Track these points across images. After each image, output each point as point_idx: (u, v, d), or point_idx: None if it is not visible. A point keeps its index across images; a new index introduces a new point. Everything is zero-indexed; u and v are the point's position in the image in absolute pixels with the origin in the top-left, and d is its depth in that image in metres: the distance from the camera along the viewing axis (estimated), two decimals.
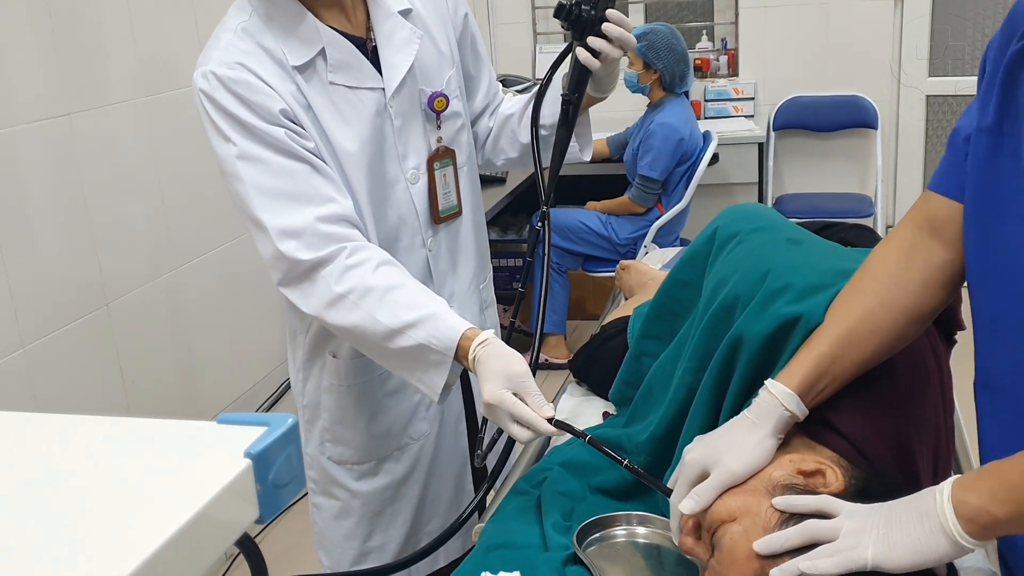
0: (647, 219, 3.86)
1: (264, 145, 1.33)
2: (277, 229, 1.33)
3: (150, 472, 0.52)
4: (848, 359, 1.09)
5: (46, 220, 2.07)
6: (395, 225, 1.49)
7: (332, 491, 1.63)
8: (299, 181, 1.34)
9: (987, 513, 0.85)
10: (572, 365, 1.90)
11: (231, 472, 0.51)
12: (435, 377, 1.33)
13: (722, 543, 1.04)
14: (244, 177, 1.33)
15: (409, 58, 1.47)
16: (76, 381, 2.15)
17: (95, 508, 0.49)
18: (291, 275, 1.35)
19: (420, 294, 1.35)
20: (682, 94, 3.89)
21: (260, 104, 1.33)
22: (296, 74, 1.38)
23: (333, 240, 1.34)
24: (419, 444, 1.62)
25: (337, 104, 1.41)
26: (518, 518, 1.33)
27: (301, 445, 0.55)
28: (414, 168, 1.50)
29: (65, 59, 2.11)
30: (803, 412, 1.09)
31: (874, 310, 1.08)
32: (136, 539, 0.46)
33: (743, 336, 1.20)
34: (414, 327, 1.31)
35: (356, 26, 1.45)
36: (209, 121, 1.35)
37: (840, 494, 1.03)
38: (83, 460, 0.54)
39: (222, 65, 1.33)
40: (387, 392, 1.57)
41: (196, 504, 0.49)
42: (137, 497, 0.50)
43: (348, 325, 1.34)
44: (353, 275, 1.33)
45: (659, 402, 1.39)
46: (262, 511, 0.53)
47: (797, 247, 1.30)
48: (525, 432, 1.25)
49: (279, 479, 0.54)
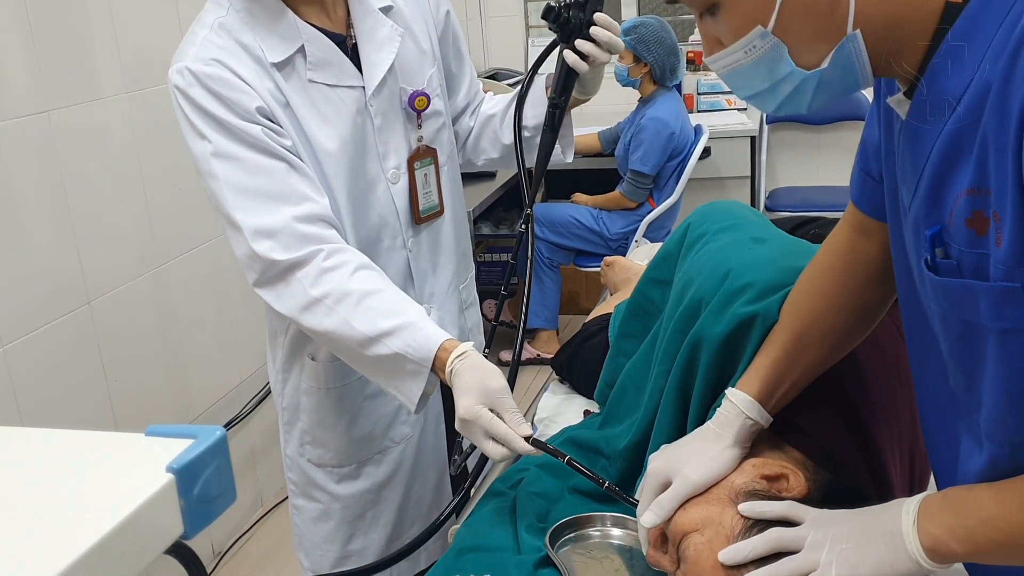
0: (638, 214, 3.85)
1: (240, 143, 1.31)
2: (252, 229, 1.31)
3: (68, 485, 0.51)
4: (804, 362, 1.09)
5: (27, 216, 2.06)
6: (375, 225, 1.47)
7: (312, 493, 1.62)
8: (276, 179, 1.32)
9: (947, 546, 0.85)
10: (555, 362, 1.89)
11: (152, 487, 0.49)
12: (411, 387, 1.32)
13: (687, 555, 1.03)
14: (219, 175, 1.31)
15: (390, 56, 1.44)
16: (58, 381, 2.14)
17: (10, 520, 0.48)
18: (266, 276, 1.33)
19: (398, 301, 1.33)
20: (673, 88, 3.88)
21: (236, 101, 1.30)
22: (274, 71, 1.35)
23: (310, 241, 1.32)
24: (400, 447, 1.60)
25: (316, 102, 1.39)
26: (492, 520, 1.32)
27: (229, 458, 0.54)
28: (394, 168, 1.48)
29: (47, 54, 2.09)
30: (766, 419, 1.09)
31: (824, 313, 1.09)
32: (52, 553, 0.45)
33: (703, 337, 1.19)
34: (390, 335, 1.29)
35: (336, 23, 1.43)
36: (184, 118, 1.33)
37: (804, 498, 1.02)
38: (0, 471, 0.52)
39: (198, 61, 1.31)
40: (367, 395, 1.55)
41: (115, 519, 0.47)
42: (55, 510, 0.49)
43: (323, 330, 1.31)
44: (329, 278, 1.31)
45: (633, 404, 1.38)
46: (187, 526, 0.51)
47: (760, 246, 1.29)
48: (500, 450, 1.23)
49: (206, 493, 0.52)
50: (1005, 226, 0.71)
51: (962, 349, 0.82)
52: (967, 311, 0.77)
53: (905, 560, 0.86)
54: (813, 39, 0.81)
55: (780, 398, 1.10)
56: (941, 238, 0.79)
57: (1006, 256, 0.72)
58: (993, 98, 0.71)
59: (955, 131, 0.76)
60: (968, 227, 0.75)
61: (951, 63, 0.76)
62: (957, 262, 0.77)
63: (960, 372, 0.84)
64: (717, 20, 0.84)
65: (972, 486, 0.85)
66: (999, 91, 0.71)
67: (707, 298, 1.22)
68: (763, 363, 1.10)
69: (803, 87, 0.83)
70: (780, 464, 1.07)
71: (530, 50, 5.03)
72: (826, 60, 0.81)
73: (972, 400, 0.83)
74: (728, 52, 0.84)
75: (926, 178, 0.80)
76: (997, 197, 0.72)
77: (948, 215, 0.77)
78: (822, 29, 0.80)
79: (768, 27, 0.80)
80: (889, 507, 0.91)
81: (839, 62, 0.81)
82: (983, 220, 0.74)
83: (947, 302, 0.80)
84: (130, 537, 0.48)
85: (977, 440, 0.85)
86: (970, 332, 0.79)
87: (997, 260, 0.73)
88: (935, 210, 0.79)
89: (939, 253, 0.79)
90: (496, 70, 4.79)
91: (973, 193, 0.74)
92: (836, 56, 0.81)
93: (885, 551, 0.87)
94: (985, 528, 0.82)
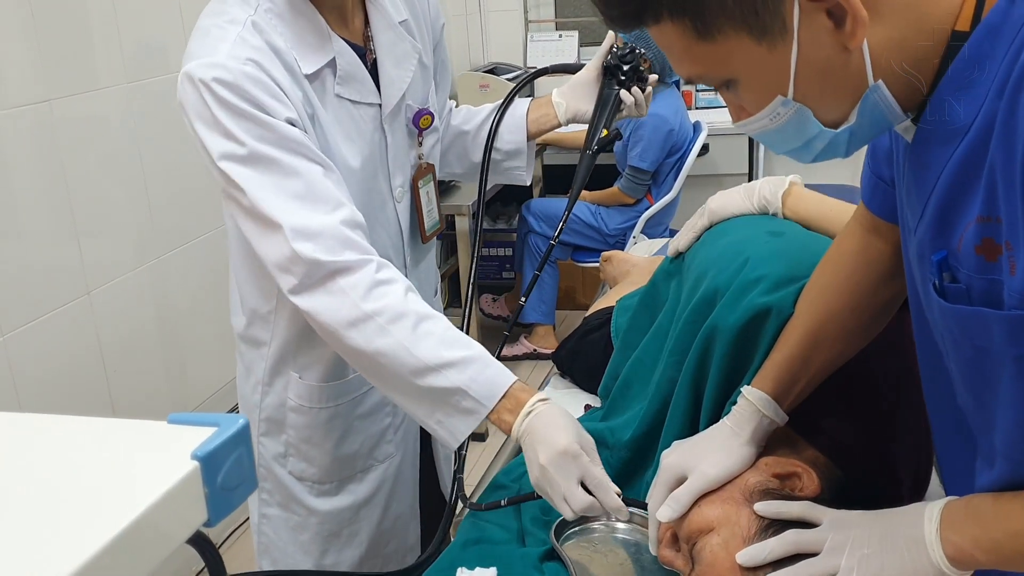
0: (636, 210, 3.85)
1: (275, 145, 1.22)
2: (292, 228, 1.20)
3: (95, 472, 0.51)
4: (818, 360, 1.10)
5: (26, 206, 2.05)
6: (384, 245, 1.43)
7: (289, 505, 1.55)
8: (314, 182, 1.23)
9: (971, 556, 0.85)
10: (555, 357, 1.89)
11: (178, 474, 0.49)
12: (460, 424, 1.22)
13: (702, 556, 1.03)
14: (250, 177, 1.21)
15: (408, 74, 1.41)
16: (57, 371, 2.13)
17: (36, 508, 0.48)
18: (309, 280, 1.21)
19: (456, 331, 1.25)
20: (672, 84, 3.88)
21: (272, 107, 1.22)
22: (305, 81, 1.28)
23: (355, 247, 1.23)
24: (384, 466, 1.56)
25: (341, 119, 1.34)
26: (497, 513, 1.32)
27: (251, 446, 0.54)
28: (400, 186, 1.45)
29: (47, 44, 2.08)
30: (782, 418, 1.09)
31: (838, 311, 1.10)
32: (78, 541, 0.45)
33: (717, 327, 1.19)
34: (453, 367, 1.19)
35: (353, 33, 1.37)
36: (206, 115, 1.21)
37: (817, 498, 1.02)
38: (25, 459, 0.52)
39: (234, 60, 1.21)
40: (359, 415, 1.50)
41: (141, 506, 0.48)
42: (81, 498, 0.49)
43: (372, 350, 1.20)
44: (383, 293, 1.21)
45: (639, 396, 1.38)
46: (211, 514, 0.51)
47: (777, 239, 1.29)
48: (586, 499, 1.13)
49: (228, 482, 0.52)
50: (1019, 255, 0.71)
51: (972, 372, 0.82)
52: (979, 337, 0.77)
53: (928, 568, 0.86)
54: (835, 98, 0.81)
55: (796, 396, 1.10)
56: (948, 263, 0.78)
57: (1022, 285, 0.72)
58: (999, 128, 0.71)
59: (963, 158, 0.75)
60: (977, 253, 0.75)
61: (957, 90, 0.76)
62: (966, 287, 0.77)
63: (969, 393, 0.84)
64: (736, 93, 0.84)
65: (998, 495, 0.84)
66: (1005, 121, 0.71)
67: (723, 288, 1.22)
68: (778, 360, 1.10)
69: (836, 140, 0.83)
70: (792, 462, 1.07)
71: (529, 45, 5.02)
72: (852, 115, 0.81)
73: (982, 421, 0.83)
74: (754, 120, 0.84)
75: (933, 204, 0.80)
76: (1009, 226, 0.72)
77: (956, 241, 0.77)
78: (841, 87, 0.80)
79: (788, 95, 0.80)
80: (909, 512, 0.90)
81: (866, 113, 0.81)
82: (994, 247, 0.74)
83: (958, 328, 0.80)
84: (157, 523, 0.48)
85: (988, 458, 0.85)
86: (982, 356, 0.79)
87: (1012, 289, 0.72)
88: (941, 235, 0.79)
89: (947, 278, 0.78)
90: (495, 64, 4.79)
91: (984, 221, 0.74)
92: (863, 108, 0.80)
93: (907, 558, 0.87)
94: (1013, 541, 0.82)
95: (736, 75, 0.82)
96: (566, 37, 4.98)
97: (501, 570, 1.16)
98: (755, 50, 0.78)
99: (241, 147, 1.20)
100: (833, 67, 0.78)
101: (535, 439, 1.16)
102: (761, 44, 0.78)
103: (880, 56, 0.78)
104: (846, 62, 0.78)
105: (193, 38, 1.27)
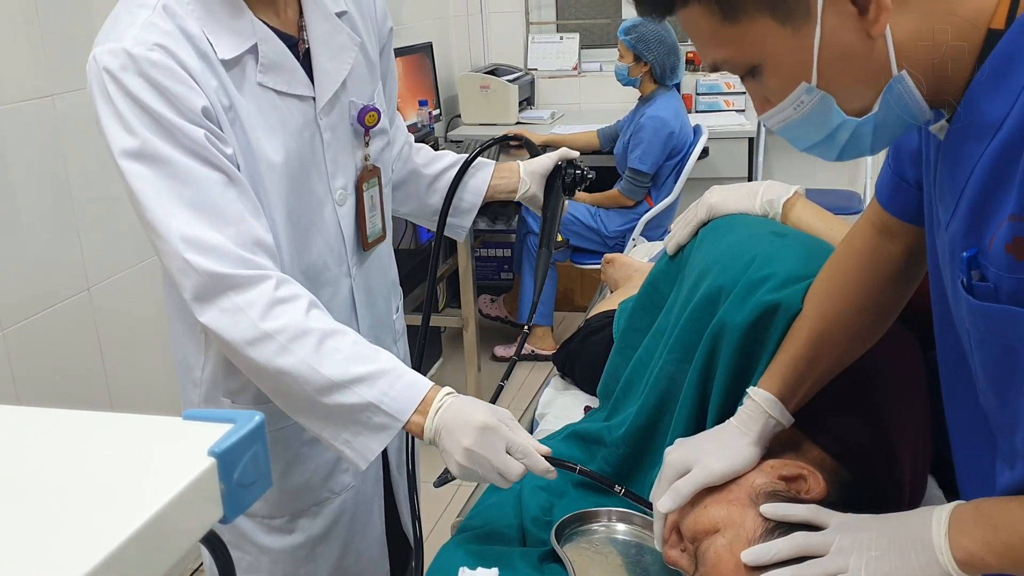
0: (636, 212, 3.85)
1: (175, 144, 1.14)
2: (180, 236, 1.13)
3: (110, 468, 0.51)
4: (824, 361, 1.10)
5: (27, 202, 2.05)
6: (321, 252, 1.34)
7: (240, 544, 1.43)
8: (210, 193, 1.15)
9: (982, 560, 0.85)
10: (556, 358, 1.89)
11: (195, 470, 0.50)
12: (371, 442, 1.17)
13: (707, 557, 1.03)
14: (143, 176, 1.14)
15: (345, 66, 1.32)
16: (57, 366, 2.13)
17: (52, 504, 0.48)
18: (204, 292, 1.14)
19: (366, 345, 1.19)
20: (673, 87, 3.88)
21: (181, 96, 1.14)
22: (221, 68, 1.20)
23: (250, 264, 1.15)
24: (340, 499, 1.45)
25: (263, 109, 1.24)
26: (496, 512, 1.32)
27: (267, 443, 0.54)
28: (342, 188, 1.35)
29: (50, 39, 2.08)
30: (788, 420, 1.09)
31: (844, 312, 1.10)
32: (95, 538, 0.45)
33: (725, 325, 1.19)
34: (363, 382, 1.14)
35: (286, 23, 1.28)
36: (109, 106, 1.14)
37: (823, 500, 1.02)
38: (40, 454, 0.52)
39: (139, 44, 1.13)
40: (306, 441, 1.39)
41: (158, 503, 0.48)
42: (97, 494, 0.49)
43: (273, 369, 1.15)
44: (282, 312, 1.15)
45: (638, 394, 1.38)
46: (227, 511, 0.52)
47: (781, 239, 1.30)
48: (517, 467, 1.12)
49: (244, 478, 0.52)
50: None
51: (998, 371, 0.82)
52: (1008, 336, 0.77)
53: (936, 572, 0.86)
54: (858, 85, 0.81)
55: (802, 396, 1.10)
56: (977, 260, 0.79)
57: None
58: None
59: (997, 155, 0.76)
60: (1008, 252, 0.75)
61: (991, 87, 0.76)
62: (995, 286, 0.77)
63: (993, 392, 0.84)
64: (760, 81, 0.85)
65: (1008, 499, 0.85)
66: None
67: (728, 286, 1.22)
68: (784, 360, 1.10)
69: (859, 132, 0.84)
70: (798, 465, 1.07)
71: (530, 47, 5.03)
72: (876, 104, 0.82)
73: (1005, 420, 0.83)
74: (778, 110, 0.85)
75: (966, 200, 0.80)
76: None
77: (988, 239, 0.77)
78: (865, 75, 0.80)
79: (812, 82, 0.81)
80: (917, 515, 0.91)
81: (890, 104, 0.81)
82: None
83: (985, 326, 0.80)
84: (174, 520, 0.48)
85: (1008, 459, 0.85)
86: (1008, 354, 0.79)
87: None
88: (973, 232, 0.79)
89: (975, 275, 0.79)
90: (496, 65, 4.79)
91: (1016, 219, 0.74)
92: (886, 99, 0.81)
93: (916, 562, 0.87)
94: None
95: (760, 60, 0.82)
96: (567, 39, 4.99)
97: (503, 569, 1.16)
98: (779, 33, 0.79)
99: (135, 139, 1.13)
100: (856, 54, 0.79)
101: (451, 428, 1.13)
102: (785, 27, 0.79)
103: (905, 47, 0.78)
104: (870, 50, 0.78)
105: (105, 24, 1.20)
